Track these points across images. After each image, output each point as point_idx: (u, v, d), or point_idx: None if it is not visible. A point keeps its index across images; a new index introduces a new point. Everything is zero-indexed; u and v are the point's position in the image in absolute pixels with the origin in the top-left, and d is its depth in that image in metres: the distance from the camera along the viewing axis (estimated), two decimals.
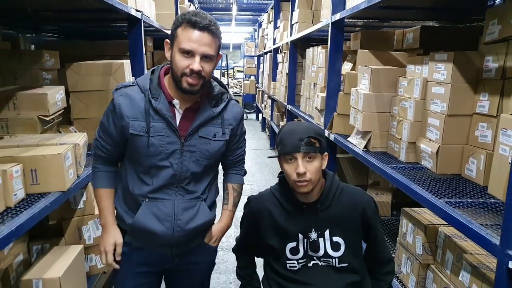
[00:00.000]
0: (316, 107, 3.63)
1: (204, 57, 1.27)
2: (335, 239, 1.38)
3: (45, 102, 2.10)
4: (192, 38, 1.25)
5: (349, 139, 2.69)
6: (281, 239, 1.40)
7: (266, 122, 8.81)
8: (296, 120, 5.28)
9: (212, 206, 1.54)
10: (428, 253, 1.74)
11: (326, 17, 3.35)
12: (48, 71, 2.59)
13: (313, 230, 1.37)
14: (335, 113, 3.01)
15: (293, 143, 1.29)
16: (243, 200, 1.54)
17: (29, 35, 4.89)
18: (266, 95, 8.41)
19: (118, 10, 2.36)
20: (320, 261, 1.39)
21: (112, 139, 1.41)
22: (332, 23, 3.03)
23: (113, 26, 3.85)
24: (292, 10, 5.21)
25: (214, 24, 1.28)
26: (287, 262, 1.40)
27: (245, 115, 11.85)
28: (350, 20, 3.24)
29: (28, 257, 1.70)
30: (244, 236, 1.57)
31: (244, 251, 1.61)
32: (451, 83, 1.84)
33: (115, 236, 1.43)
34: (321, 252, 1.38)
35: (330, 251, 1.38)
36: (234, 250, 1.64)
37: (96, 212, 2.28)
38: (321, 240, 1.38)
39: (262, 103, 9.26)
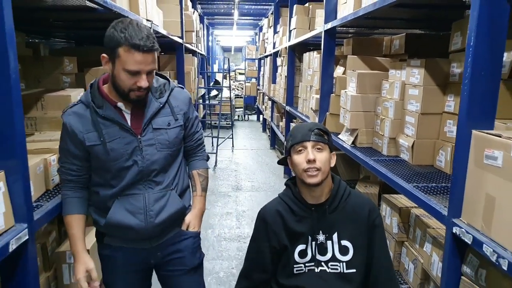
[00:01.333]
0: (311, 108, 3.91)
1: (149, 73, 1.35)
2: (344, 242, 1.39)
3: (68, 102, 2.38)
4: (138, 60, 1.28)
5: (339, 136, 2.97)
6: (290, 241, 1.41)
7: (267, 123, 9.09)
8: (294, 120, 5.57)
9: (183, 194, 1.59)
10: (402, 231, 2.02)
11: (320, 25, 3.64)
12: (67, 75, 2.88)
13: (321, 232, 1.39)
14: (327, 113, 3.30)
15: (303, 133, 1.36)
16: (243, 209, 1.59)
17: (37, 40, 5.17)
18: (266, 97, 8.70)
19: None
20: (328, 267, 1.39)
21: (76, 157, 1.46)
22: (325, 31, 3.32)
23: None
24: (290, 16, 5.50)
25: (153, 39, 1.32)
26: (294, 266, 1.40)
27: (246, 116, 12.22)
28: (342, 28, 3.53)
29: (59, 236, 1.98)
30: (256, 252, 1.48)
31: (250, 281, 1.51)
32: (423, 86, 2.12)
33: (86, 263, 1.46)
34: (329, 255, 1.38)
35: (338, 255, 1.38)
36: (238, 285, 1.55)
37: None
38: (329, 243, 1.39)
39: (263, 104, 9.54)
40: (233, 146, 7.82)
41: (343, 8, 3.00)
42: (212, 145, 7.33)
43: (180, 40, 4.69)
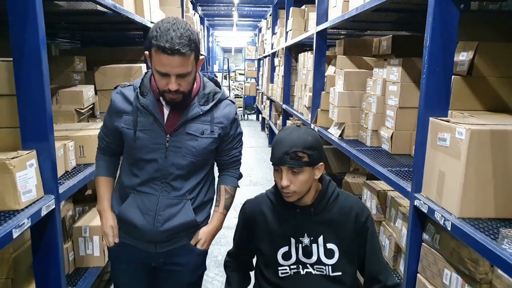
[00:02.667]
0: (305, 105, 4.16)
1: (179, 76, 1.30)
2: (329, 245, 1.35)
3: (81, 97, 2.63)
4: (164, 63, 1.26)
5: (329, 130, 3.22)
6: (272, 243, 1.38)
7: (266, 122, 9.33)
8: (291, 118, 5.81)
9: (200, 208, 1.53)
10: (380, 212, 2.26)
11: (312, 27, 3.88)
12: (77, 73, 3.12)
13: (305, 235, 1.35)
14: (318, 109, 3.54)
15: (278, 155, 1.28)
16: (240, 201, 1.57)
17: (49, 41, 5.41)
18: (265, 97, 8.94)
19: (136, 22, 2.89)
20: (314, 269, 1.37)
21: (110, 132, 1.52)
22: (317, 32, 3.57)
23: (127, 34, 4.39)
24: (287, 18, 5.75)
25: (184, 43, 1.24)
26: (279, 268, 1.38)
27: (246, 116, 12.46)
28: (334, 30, 3.77)
29: (74, 214, 2.22)
30: (237, 240, 1.55)
31: (237, 263, 1.58)
32: (401, 82, 2.36)
33: (110, 220, 1.52)
34: (314, 258, 1.35)
35: (323, 258, 1.36)
36: (226, 263, 1.61)
37: None
38: (314, 246, 1.35)
39: (262, 104, 9.79)
40: None
41: (333, 11, 3.24)
42: None
43: None
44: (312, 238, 1.35)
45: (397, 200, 2.07)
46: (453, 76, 1.81)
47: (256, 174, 5.94)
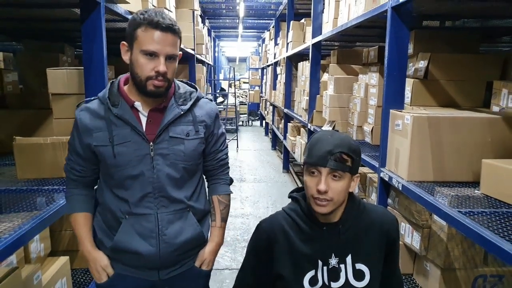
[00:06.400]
0: (303, 108, 4.68)
1: (169, 58, 1.22)
2: (358, 266, 1.18)
3: None
4: (155, 39, 1.18)
5: (322, 128, 3.73)
6: (297, 267, 1.18)
7: (269, 128, 9.86)
8: (292, 121, 6.33)
9: (202, 219, 1.42)
10: (362, 191, 2.76)
11: (308, 39, 4.42)
12: (108, 79, 3.67)
13: (333, 255, 1.17)
14: (314, 110, 4.06)
15: (320, 155, 1.09)
16: (246, 195, 1.54)
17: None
18: (268, 103, 9.48)
19: None
20: None
21: (81, 157, 1.33)
22: (312, 44, 4.11)
23: None
24: (288, 31, 6.30)
25: (175, 23, 1.22)
26: None
27: (250, 122, 13.02)
28: (328, 42, 4.31)
29: None
30: (250, 269, 1.26)
31: None
32: (378, 85, 2.88)
33: (100, 261, 1.35)
34: (342, 281, 1.17)
35: (352, 281, 1.17)
36: None
37: None
38: (342, 266, 1.17)
39: (265, 110, 10.35)
40: (237, 147, 8.59)
41: (326, 26, 3.79)
42: None
43: (192, 52, 5.49)
44: (339, 258, 1.17)
45: (373, 179, 2.57)
46: (413, 80, 2.34)
47: (260, 173, 6.45)
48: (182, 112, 1.31)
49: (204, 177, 1.51)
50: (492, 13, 2.71)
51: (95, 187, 1.43)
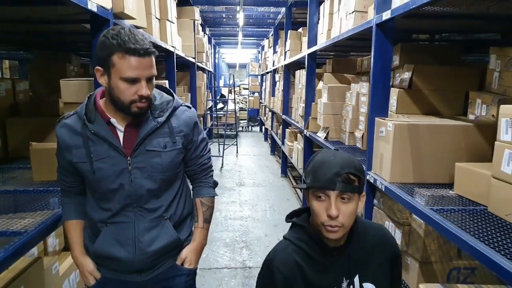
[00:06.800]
0: (300, 114, 4.87)
1: (149, 79, 1.24)
2: (366, 285, 1.16)
3: None
4: (134, 66, 1.19)
5: (317, 134, 3.91)
6: None
7: (268, 133, 10.05)
8: (289, 127, 6.51)
9: (181, 224, 1.47)
10: None
11: (304, 49, 4.62)
12: None
13: (344, 279, 1.14)
14: (310, 117, 4.24)
15: (327, 178, 1.04)
16: (245, 198, 1.55)
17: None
18: (267, 109, 9.68)
19: (161, 47, 3.61)
20: None
21: (67, 171, 1.39)
22: (308, 54, 4.30)
23: None
24: (286, 39, 6.51)
25: (149, 43, 1.22)
26: None
27: (250, 127, 13.20)
28: (323, 51, 4.50)
29: None
30: None
31: None
32: (368, 94, 3.06)
33: (87, 266, 1.42)
34: None
35: None
36: None
37: None
38: None
39: (265, 116, 10.54)
40: (237, 152, 8.77)
41: (320, 37, 3.98)
42: (219, 151, 8.29)
43: (193, 60, 5.68)
44: (349, 280, 1.15)
45: None
46: (398, 89, 2.53)
47: (258, 177, 6.62)
48: (158, 125, 1.33)
49: (189, 181, 1.57)
50: (471, 29, 2.91)
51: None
